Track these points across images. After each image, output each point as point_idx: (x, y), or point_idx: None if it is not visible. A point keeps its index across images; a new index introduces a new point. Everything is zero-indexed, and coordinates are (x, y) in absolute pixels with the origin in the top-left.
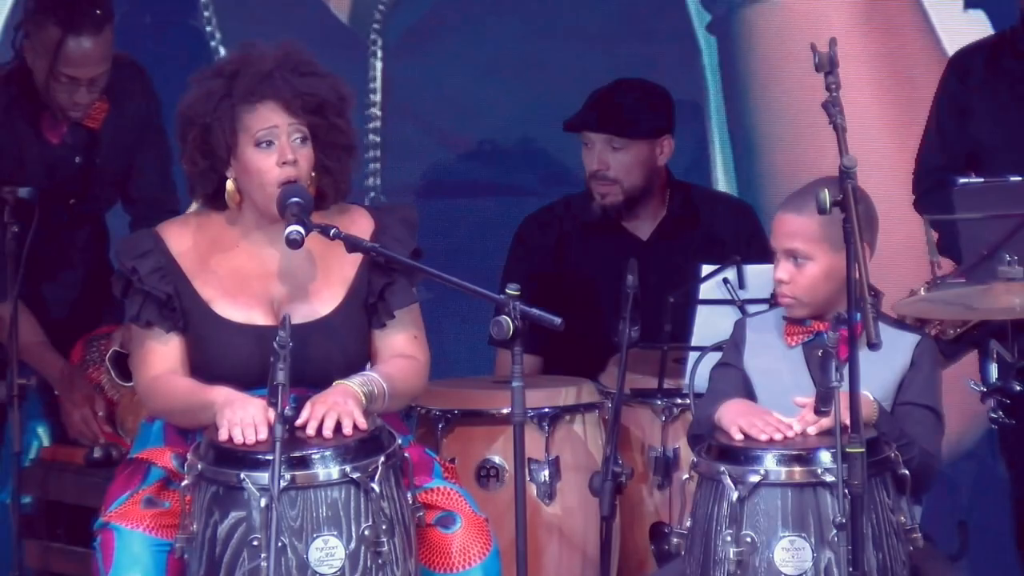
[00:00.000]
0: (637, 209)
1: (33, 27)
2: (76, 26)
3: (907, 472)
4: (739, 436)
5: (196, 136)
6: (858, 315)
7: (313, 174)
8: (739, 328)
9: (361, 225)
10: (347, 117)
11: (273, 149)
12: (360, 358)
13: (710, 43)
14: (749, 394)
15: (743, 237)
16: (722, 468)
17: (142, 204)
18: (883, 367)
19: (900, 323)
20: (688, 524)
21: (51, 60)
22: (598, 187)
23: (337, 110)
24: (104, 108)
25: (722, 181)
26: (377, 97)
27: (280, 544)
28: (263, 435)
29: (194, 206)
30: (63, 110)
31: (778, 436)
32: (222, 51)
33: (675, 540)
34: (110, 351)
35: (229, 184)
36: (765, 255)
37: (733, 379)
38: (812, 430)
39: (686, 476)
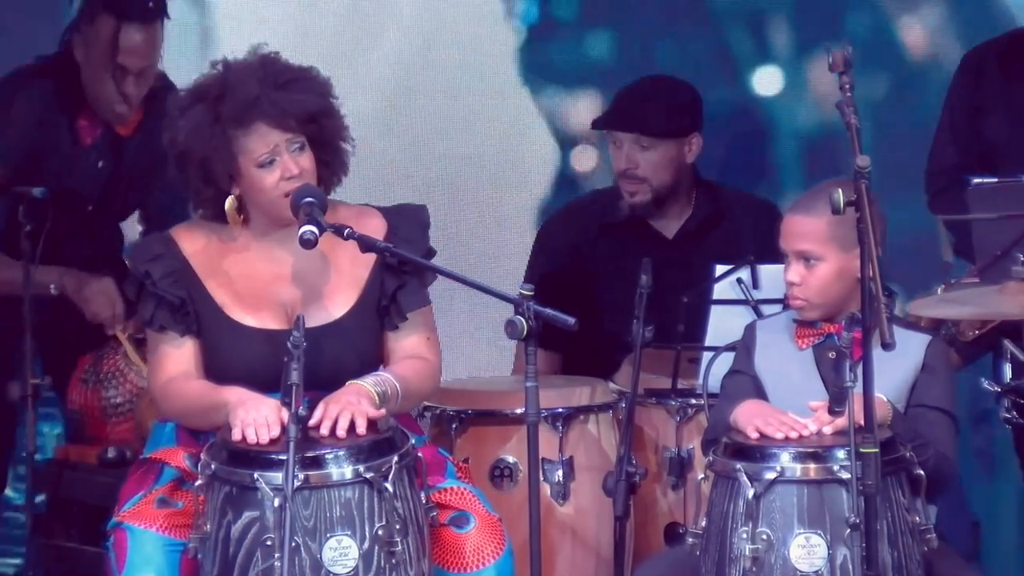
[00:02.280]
0: (664, 208)
1: (88, 20)
2: (130, 16)
3: (922, 472)
4: (755, 435)
5: (196, 167)
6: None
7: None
8: (749, 331)
9: (373, 226)
10: (335, 112)
11: (276, 166)
12: (373, 360)
13: None
14: (761, 398)
15: (766, 237)
16: (738, 466)
17: (157, 221)
18: (895, 368)
19: (911, 324)
20: (703, 524)
21: (105, 49)
22: (627, 186)
23: (326, 112)
24: (138, 117)
25: None
26: None
27: (294, 544)
28: (276, 435)
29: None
30: (109, 104)
31: (793, 435)
32: None
33: (690, 540)
34: (126, 334)
35: (228, 203)
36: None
37: (745, 385)
38: (828, 430)
39: (701, 476)
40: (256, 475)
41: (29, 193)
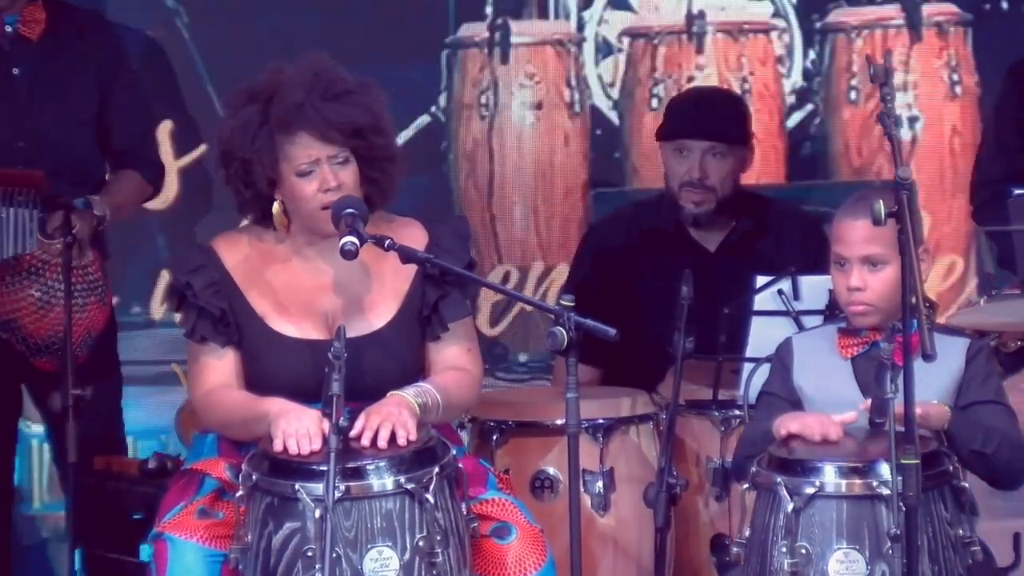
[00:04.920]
0: (713, 219)
1: None
2: None
3: (967, 485)
4: (783, 433)
5: (237, 169)
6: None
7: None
8: (785, 347)
9: (415, 237)
10: (385, 130)
11: (315, 176)
12: (414, 371)
13: None
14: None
15: (814, 251)
16: (778, 479)
17: (124, 154)
18: (937, 374)
19: (949, 329)
20: (747, 534)
21: None
22: (692, 195)
23: (373, 128)
24: (41, 19)
25: None
26: None
27: (335, 555)
28: (317, 446)
29: (245, 221)
30: None
31: (833, 435)
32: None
33: (735, 550)
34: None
35: (275, 207)
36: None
37: (777, 406)
38: (837, 418)
39: (746, 486)
40: (297, 486)
41: (70, 203)
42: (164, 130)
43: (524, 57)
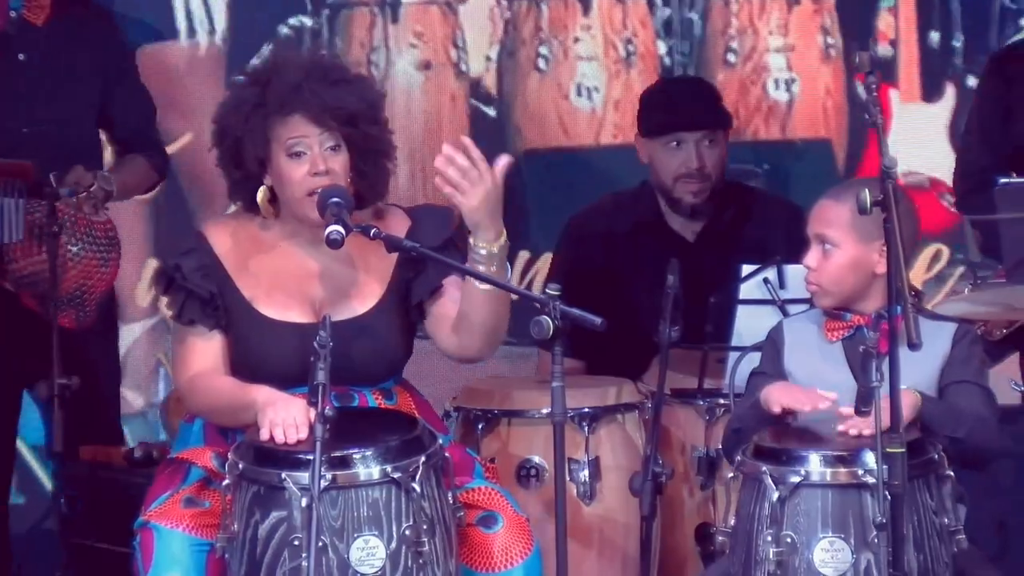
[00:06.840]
0: (707, 207)
1: None
2: None
3: (951, 473)
4: (778, 410)
5: (229, 147)
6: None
7: (350, 177)
8: (777, 331)
9: (400, 226)
10: (379, 122)
11: (305, 159)
12: (399, 355)
13: None
14: None
15: (793, 241)
16: (764, 468)
17: (129, 142)
18: (924, 360)
19: (936, 315)
20: (733, 523)
21: None
22: (690, 186)
23: (368, 118)
24: (46, 4)
25: None
26: None
27: (321, 544)
28: (304, 435)
29: (233, 207)
30: None
31: (823, 406)
32: None
33: (720, 539)
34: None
35: (260, 194)
36: None
37: (768, 384)
38: (854, 432)
39: (731, 475)
40: (284, 475)
41: (56, 192)
42: None
43: (412, 17)
